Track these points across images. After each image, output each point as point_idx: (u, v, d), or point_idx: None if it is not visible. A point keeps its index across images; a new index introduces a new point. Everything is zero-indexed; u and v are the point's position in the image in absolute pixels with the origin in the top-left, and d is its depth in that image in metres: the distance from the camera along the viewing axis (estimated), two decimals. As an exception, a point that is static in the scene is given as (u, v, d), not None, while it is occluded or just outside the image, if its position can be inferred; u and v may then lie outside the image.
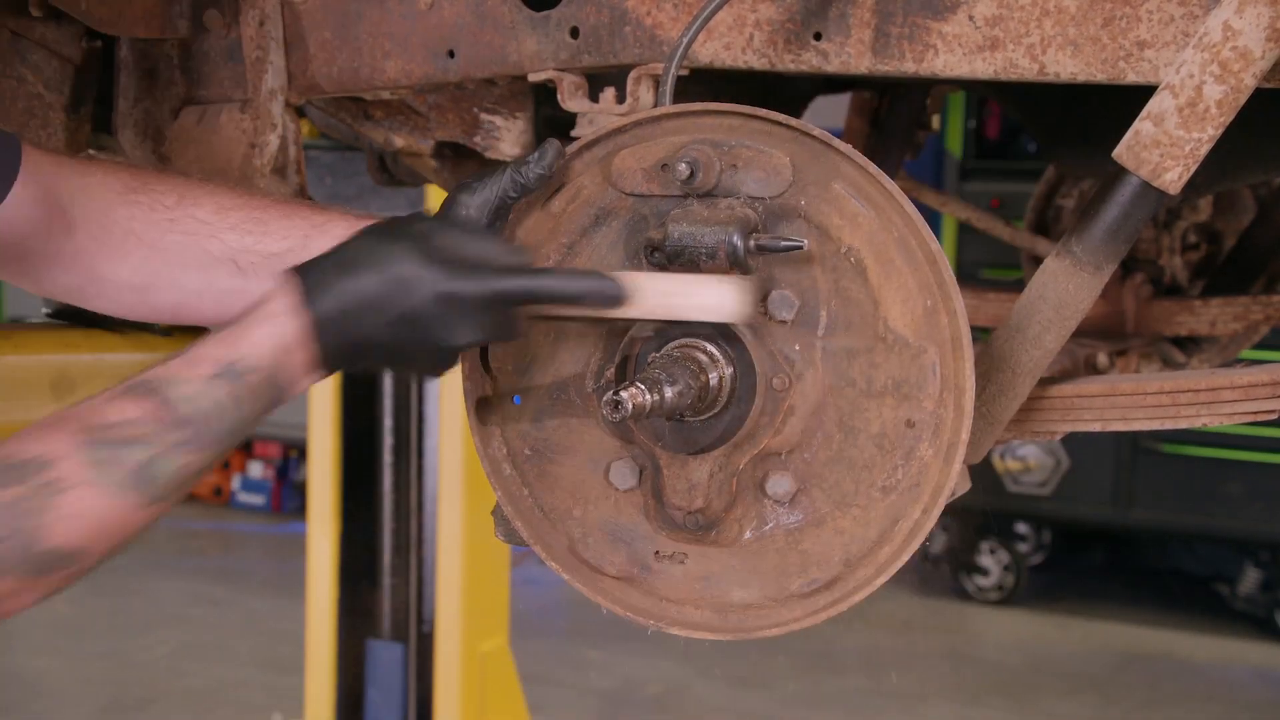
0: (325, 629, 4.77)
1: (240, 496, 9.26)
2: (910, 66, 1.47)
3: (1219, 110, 1.31)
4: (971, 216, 3.24)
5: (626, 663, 6.41)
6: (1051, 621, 7.26)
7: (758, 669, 6.38)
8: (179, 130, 1.83)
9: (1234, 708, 6.26)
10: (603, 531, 1.47)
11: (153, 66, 1.84)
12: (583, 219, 1.45)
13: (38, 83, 1.84)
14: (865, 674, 6.42)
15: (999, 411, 1.49)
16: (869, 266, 1.35)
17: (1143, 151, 1.34)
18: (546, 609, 6.93)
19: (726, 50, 1.54)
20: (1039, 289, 1.45)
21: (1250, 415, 1.49)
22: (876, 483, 1.36)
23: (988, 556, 7.47)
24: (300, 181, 1.87)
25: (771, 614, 1.42)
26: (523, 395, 1.49)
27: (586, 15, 1.60)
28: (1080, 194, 3.07)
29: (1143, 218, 1.40)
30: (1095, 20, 1.39)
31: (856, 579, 1.38)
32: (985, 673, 6.57)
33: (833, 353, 1.36)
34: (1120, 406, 1.54)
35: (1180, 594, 7.53)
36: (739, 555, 1.42)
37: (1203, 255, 3.02)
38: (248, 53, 1.77)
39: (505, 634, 4.73)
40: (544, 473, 1.49)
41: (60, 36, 1.84)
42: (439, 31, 1.69)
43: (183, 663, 6.60)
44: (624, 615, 1.47)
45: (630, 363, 1.41)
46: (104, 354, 2.24)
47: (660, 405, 1.31)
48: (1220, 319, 2.76)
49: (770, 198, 1.36)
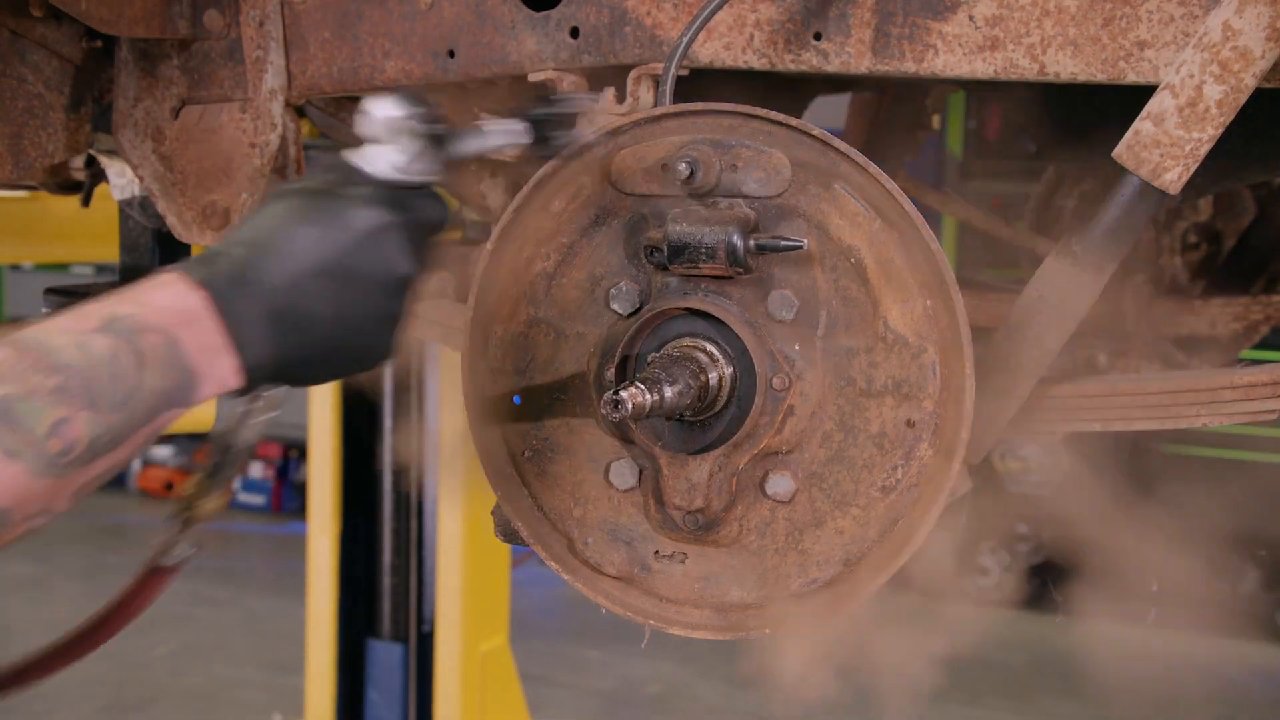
0: (325, 629, 4.77)
1: (240, 496, 9.26)
2: (910, 66, 1.47)
3: (1219, 110, 1.31)
4: (971, 216, 3.24)
5: (626, 663, 6.41)
6: (1051, 621, 7.25)
7: (757, 669, 6.37)
8: (179, 130, 1.83)
9: (1234, 708, 6.25)
10: (602, 531, 1.47)
11: (153, 66, 1.84)
12: (583, 219, 1.45)
13: (38, 82, 1.84)
14: (865, 674, 6.41)
15: (999, 411, 1.49)
16: (869, 266, 1.35)
17: (1143, 151, 1.34)
18: (546, 609, 6.93)
19: (726, 50, 1.54)
20: (1039, 289, 1.45)
21: (1250, 415, 1.49)
22: (876, 482, 1.36)
23: (988, 556, 7.46)
24: (300, 181, 1.87)
25: (771, 614, 1.42)
26: (523, 395, 1.49)
27: (586, 15, 1.60)
28: (1080, 194, 3.07)
29: (1143, 218, 1.40)
30: (1095, 20, 1.39)
31: (856, 579, 1.38)
32: (985, 673, 6.57)
33: (833, 352, 1.36)
34: (1121, 406, 1.54)
35: (1180, 594, 7.53)
36: (739, 555, 1.42)
37: (1203, 255, 3.02)
38: (248, 52, 1.77)
39: (505, 634, 4.73)
40: (544, 473, 1.49)
41: (60, 36, 1.84)
42: (439, 31, 1.69)
43: (183, 663, 6.60)
44: (624, 615, 1.47)
45: (630, 362, 1.41)
46: (104, 354, 2.23)
47: (660, 405, 1.31)
48: (1220, 319, 2.76)
49: (770, 197, 1.36)
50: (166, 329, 1.14)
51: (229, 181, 1.79)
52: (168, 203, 1.84)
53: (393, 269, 1.24)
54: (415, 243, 1.26)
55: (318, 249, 1.21)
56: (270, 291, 1.19)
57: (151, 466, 9.36)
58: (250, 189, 1.78)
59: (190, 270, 1.18)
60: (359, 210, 1.24)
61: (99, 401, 1.10)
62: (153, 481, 9.33)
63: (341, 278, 1.22)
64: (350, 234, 1.23)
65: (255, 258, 1.20)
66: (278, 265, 1.20)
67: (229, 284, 1.18)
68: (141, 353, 1.13)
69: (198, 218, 1.82)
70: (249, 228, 1.24)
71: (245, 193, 1.78)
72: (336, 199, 1.25)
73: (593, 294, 1.45)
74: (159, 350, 1.13)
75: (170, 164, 1.84)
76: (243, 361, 1.18)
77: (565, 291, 1.47)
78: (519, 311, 1.49)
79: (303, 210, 1.24)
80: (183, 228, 1.83)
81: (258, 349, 1.19)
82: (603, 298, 1.44)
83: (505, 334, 1.50)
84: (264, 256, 1.20)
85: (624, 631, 1.64)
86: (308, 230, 1.22)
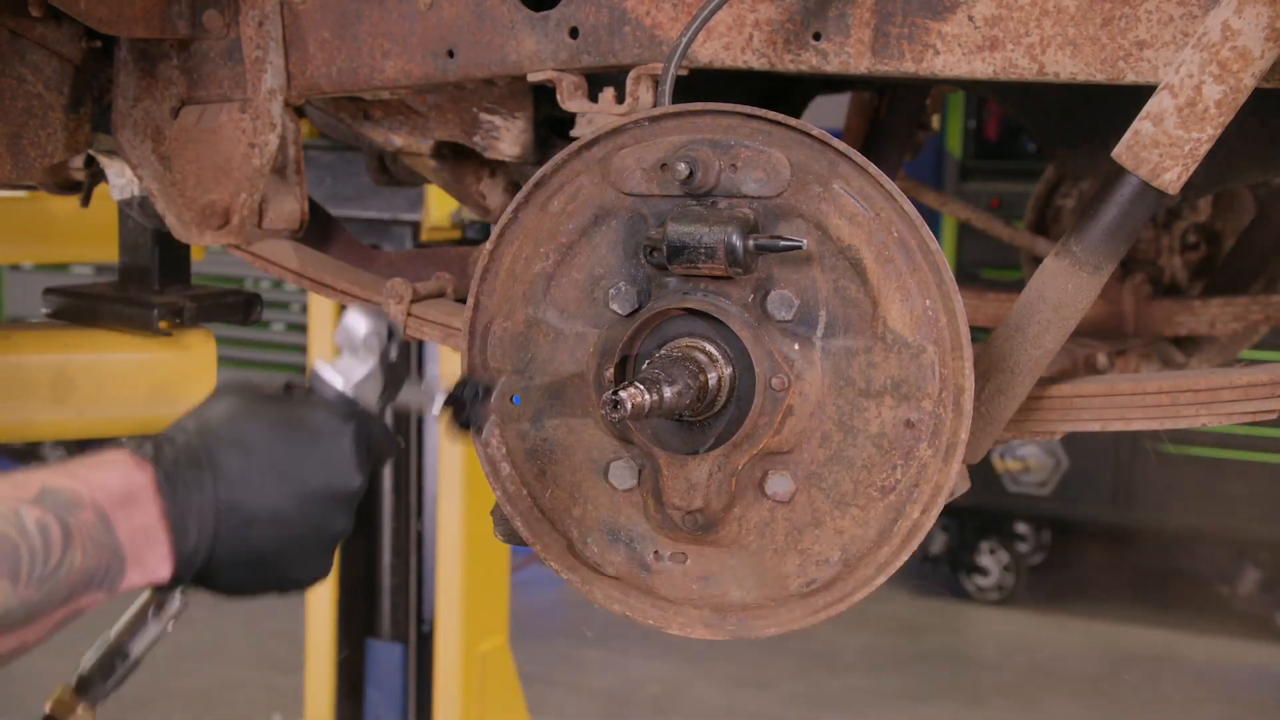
0: (325, 629, 4.77)
1: (240, 496, 9.25)
2: (910, 67, 1.47)
3: (1218, 110, 1.31)
4: (971, 216, 3.24)
5: (626, 663, 6.41)
6: (1051, 621, 7.25)
7: (758, 669, 6.37)
8: (178, 130, 1.83)
9: (1234, 708, 6.25)
10: (602, 531, 1.47)
11: (152, 66, 1.84)
12: (582, 219, 1.45)
13: (37, 82, 1.84)
14: (865, 674, 6.42)
15: (998, 411, 1.49)
16: (868, 266, 1.35)
17: (1142, 151, 1.34)
18: (546, 609, 6.93)
19: (726, 50, 1.54)
20: (1038, 289, 1.45)
21: (1250, 415, 1.49)
22: (875, 483, 1.36)
23: (988, 556, 7.46)
24: (300, 181, 1.87)
25: (771, 614, 1.42)
26: (522, 395, 1.49)
27: (586, 15, 1.60)
28: (1080, 194, 3.07)
29: (1142, 218, 1.40)
30: (1094, 20, 1.39)
31: (856, 579, 1.38)
32: (985, 673, 6.57)
33: (832, 352, 1.36)
34: (1120, 406, 1.54)
35: (1180, 594, 7.53)
36: (738, 555, 1.42)
37: (1203, 255, 3.02)
38: (247, 53, 1.77)
39: (505, 634, 4.73)
40: (543, 473, 1.49)
41: (60, 36, 1.84)
42: (438, 31, 1.69)
43: (183, 663, 6.60)
44: (624, 615, 1.47)
45: (630, 363, 1.42)
46: (103, 354, 2.24)
47: (659, 405, 1.31)
48: (1220, 319, 2.76)
49: (769, 197, 1.36)
50: (101, 507, 1.09)
51: (228, 181, 1.79)
52: (167, 203, 1.84)
53: (343, 481, 1.20)
54: (366, 458, 1.22)
55: (273, 445, 1.17)
56: (218, 480, 1.14)
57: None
58: (249, 189, 1.78)
59: (138, 448, 1.14)
60: (319, 415, 1.21)
61: (18, 574, 1.05)
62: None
63: (293, 479, 1.17)
64: (309, 436, 1.19)
65: (208, 443, 1.16)
66: (229, 455, 1.15)
67: (176, 465, 1.13)
68: (71, 530, 1.07)
69: (197, 218, 1.82)
70: (202, 414, 1.19)
71: (244, 193, 1.78)
72: (296, 402, 1.21)
73: (592, 294, 1.45)
74: (90, 528, 1.08)
75: (169, 164, 1.84)
76: (176, 550, 1.13)
77: (564, 291, 1.47)
78: (518, 311, 1.49)
79: (260, 404, 1.20)
80: (182, 228, 1.84)
81: (194, 539, 1.13)
82: (602, 298, 1.44)
83: (505, 334, 1.50)
84: (217, 444, 1.16)
85: (624, 631, 1.64)
86: (264, 425, 1.18)
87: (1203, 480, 6.81)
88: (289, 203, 1.85)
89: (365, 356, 1.25)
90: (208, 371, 2.25)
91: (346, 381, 1.24)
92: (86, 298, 2.28)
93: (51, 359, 2.21)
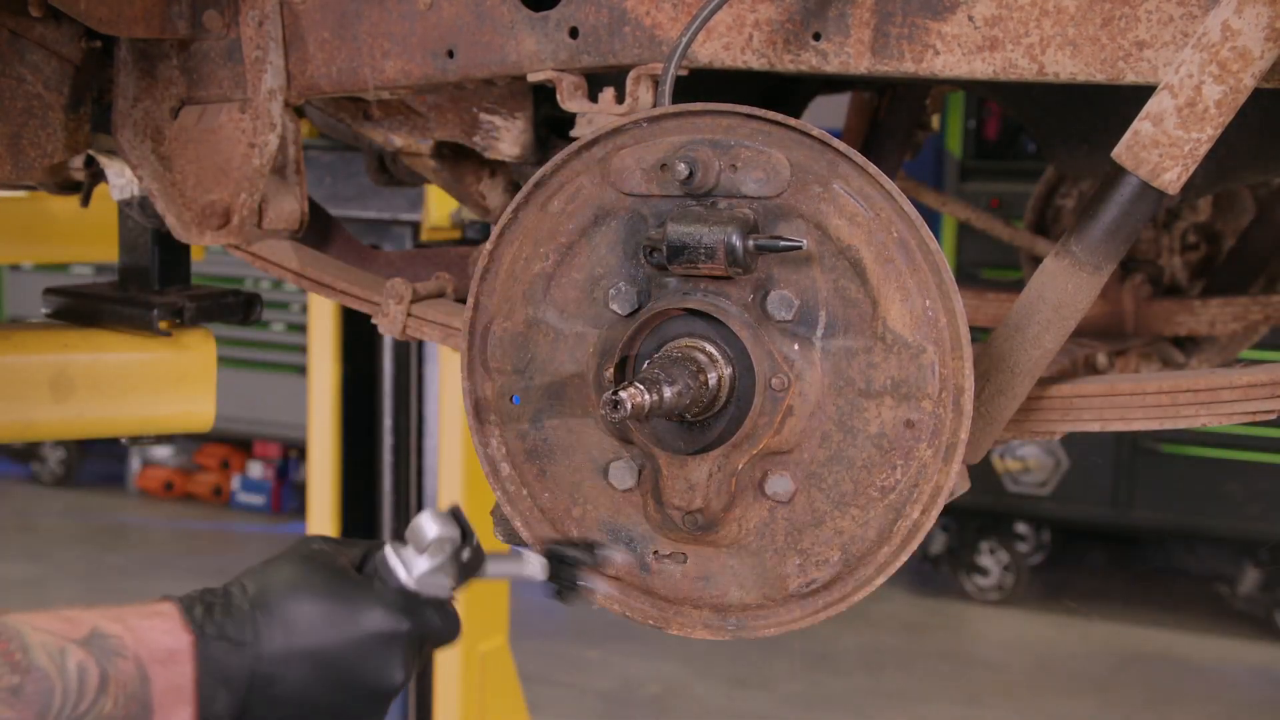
0: (325, 629, 4.76)
1: (240, 496, 9.26)
2: (910, 67, 1.47)
3: (1218, 110, 1.31)
4: (971, 216, 3.24)
5: (626, 663, 6.41)
6: (1051, 621, 7.25)
7: (758, 669, 6.37)
8: (178, 130, 1.83)
9: (1234, 708, 6.25)
10: (602, 531, 1.47)
11: (152, 66, 1.84)
12: (582, 219, 1.45)
13: (37, 82, 1.84)
14: (865, 674, 6.42)
15: (998, 411, 1.49)
16: (868, 266, 1.35)
17: (1142, 151, 1.34)
18: (546, 609, 6.93)
19: (726, 50, 1.54)
20: (1038, 289, 1.45)
21: (1250, 415, 1.49)
22: (875, 483, 1.36)
23: (988, 556, 7.47)
24: (300, 181, 1.87)
25: (771, 614, 1.42)
26: (522, 395, 1.49)
27: (586, 15, 1.60)
28: (1080, 194, 3.07)
29: (1142, 218, 1.40)
30: (1094, 20, 1.39)
31: (856, 579, 1.38)
32: (985, 673, 6.57)
33: (832, 353, 1.36)
34: (1119, 406, 1.54)
35: (1180, 594, 7.53)
36: (738, 555, 1.42)
37: (1202, 255, 3.02)
38: (247, 53, 1.77)
39: (505, 634, 4.73)
40: (543, 473, 1.49)
41: (60, 36, 1.84)
42: (438, 31, 1.69)
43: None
44: (623, 615, 1.47)
45: (629, 363, 1.42)
46: (103, 354, 2.24)
47: (659, 405, 1.31)
48: (1220, 319, 2.76)
49: (769, 198, 1.36)
50: (142, 661, 1.13)
51: (228, 181, 1.79)
52: (167, 203, 1.84)
53: (385, 680, 1.22)
54: (414, 655, 1.24)
55: (320, 632, 1.19)
56: (257, 657, 1.17)
57: (151, 466, 9.36)
58: (249, 189, 1.78)
59: (189, 607, 1.17)
60: (374, 610, 1.22)
61: (48, 713, 1.08)
62: (152, 481, 9.32)
63: (333, 670, 1.19)
64: (358, 630, 1.20)
65: (257, 614, 1.18)
66: (274, 631, 1.18)
67: (221, 634, 1.16)
68: (108, 678, 1.11)
69: (197, 218, 1.82)
70: (263, 576, 1.22)
71: (244, 193, 1.78)
72: (356, 588, 1.23)
73: (592, 294, 1.45)
74: (127, 679, 1.12)
75: (169, 164, 1.84)
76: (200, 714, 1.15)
77: (564, 292, 1.47)
78: (518, 311, 1.49)
79: (321, 585, 1.21)
80: (182, 228, 1.83)
81: (221, 706, 1.16)
82: (602, 298, 1.44)
83: (505, 334, 1.50)
84: (267, 617, 1.18)
85: (624, 631, 1.64)
86: (318, 611, 1.20)
87: (1203, 480, 6.82)
88: (289, 203, 1.85)
89: (435, 554, 1.27)
90: (208, 371, 2.25)
91: (411, 573, 1.26)
92: (86, 298, 2.28)
93: (51, 359, 2.21)
